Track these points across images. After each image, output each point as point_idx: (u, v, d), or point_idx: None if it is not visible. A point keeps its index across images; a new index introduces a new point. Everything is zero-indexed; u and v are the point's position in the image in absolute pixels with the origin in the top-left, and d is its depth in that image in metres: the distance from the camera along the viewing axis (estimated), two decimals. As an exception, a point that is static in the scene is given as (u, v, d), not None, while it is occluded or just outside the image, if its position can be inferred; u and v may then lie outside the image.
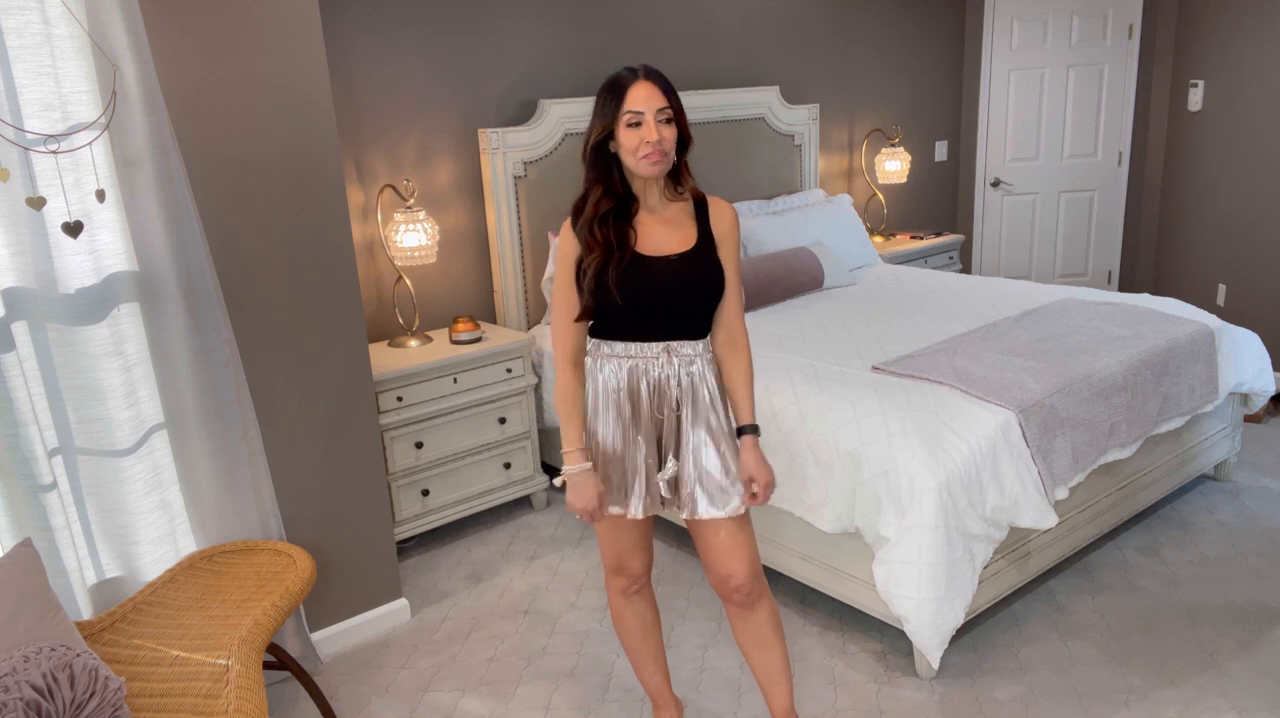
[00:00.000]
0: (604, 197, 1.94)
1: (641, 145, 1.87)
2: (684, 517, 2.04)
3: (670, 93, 1.90)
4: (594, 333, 2.03)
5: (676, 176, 1.99)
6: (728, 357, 2.06)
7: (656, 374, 1.99)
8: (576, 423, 2.02)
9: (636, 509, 2.02)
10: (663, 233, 1.97)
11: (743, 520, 2.05)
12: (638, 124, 1.87)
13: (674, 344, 1.99)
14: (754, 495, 2.02)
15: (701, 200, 2.03)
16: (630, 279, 1.92)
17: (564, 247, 1.99)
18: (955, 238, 5.38)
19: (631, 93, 1.88)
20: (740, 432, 2.06)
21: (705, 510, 2.01)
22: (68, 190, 2.12)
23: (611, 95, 1.90)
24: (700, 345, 2.02)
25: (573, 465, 1.99)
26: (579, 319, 1.99)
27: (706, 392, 2.01)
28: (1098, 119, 5.58)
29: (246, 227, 2.48)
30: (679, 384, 2.00)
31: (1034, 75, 5.56)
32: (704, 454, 2.00)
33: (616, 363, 2.00)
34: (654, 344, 1.99)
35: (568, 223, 2.00)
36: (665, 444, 2.02)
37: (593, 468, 2.00)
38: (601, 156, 1.95)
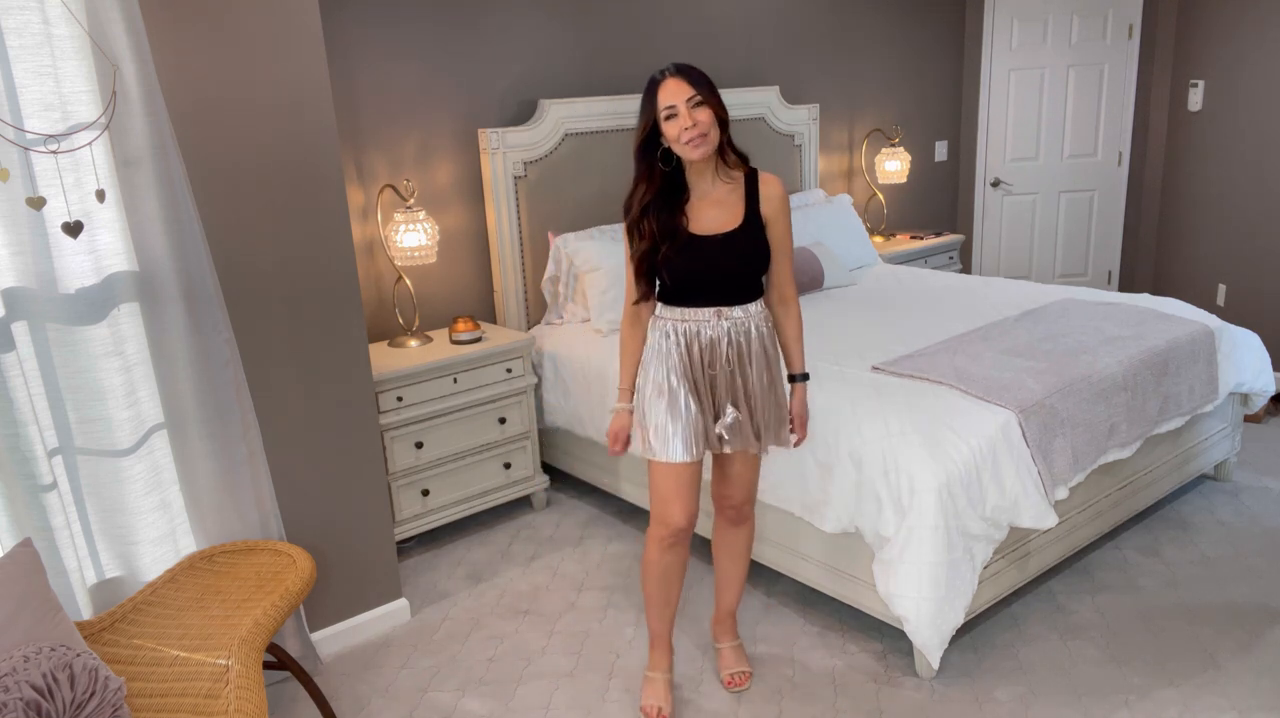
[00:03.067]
0: (647, 189, 2.22)
1: (682, 132, 2.12)
2: (725, 451, 2.34)
3: (698, 81, 2.14)
4: (660, 298, 2.31)
5: (724, 156, 2.23)
6: (780, 313, 2.37)
7: (709, 335, 2.26)
8: (627, 368, 2.36)
9: (679, 454, 2.27)
10: (713, 213, 2.23)
11: (755, 459, 2.41)
12: (674, 116, 2.13)
13: (724, 309, 2.26)
14: (794, 432, 2.38)
15: (753, 177, 2.27)
16: (680, 258, 2.20)
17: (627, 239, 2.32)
18: (955, 238, 5.38)
19: (662, 91, 2.14)
20: (791, 379, 2.40)
21: (755, 447, 2.32)
22: (68, 190, 2.12)
23: (647, 98, 2.18)
24: (753, 308, 2.29)
25: (618, 403, 2.37)
26: (638, 303, 2.30)
27: (756, 348, 2.28)
28: (1098, 119, 5.58)
29: (247, 227, 2.48)
30: (730, 343, 2.26)
31: (1034, 75, 5.56)
32: (767, 400, 2.30)
33: (673, 325, 2.27)
34: (706, 309, 2.25)
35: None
36: (721, 396, 2.29)
37: (629, 409, 2.35)
38: (647, 154, 2.22)
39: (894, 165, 5.11)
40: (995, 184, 5.75)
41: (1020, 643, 2.71)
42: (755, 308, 2.30)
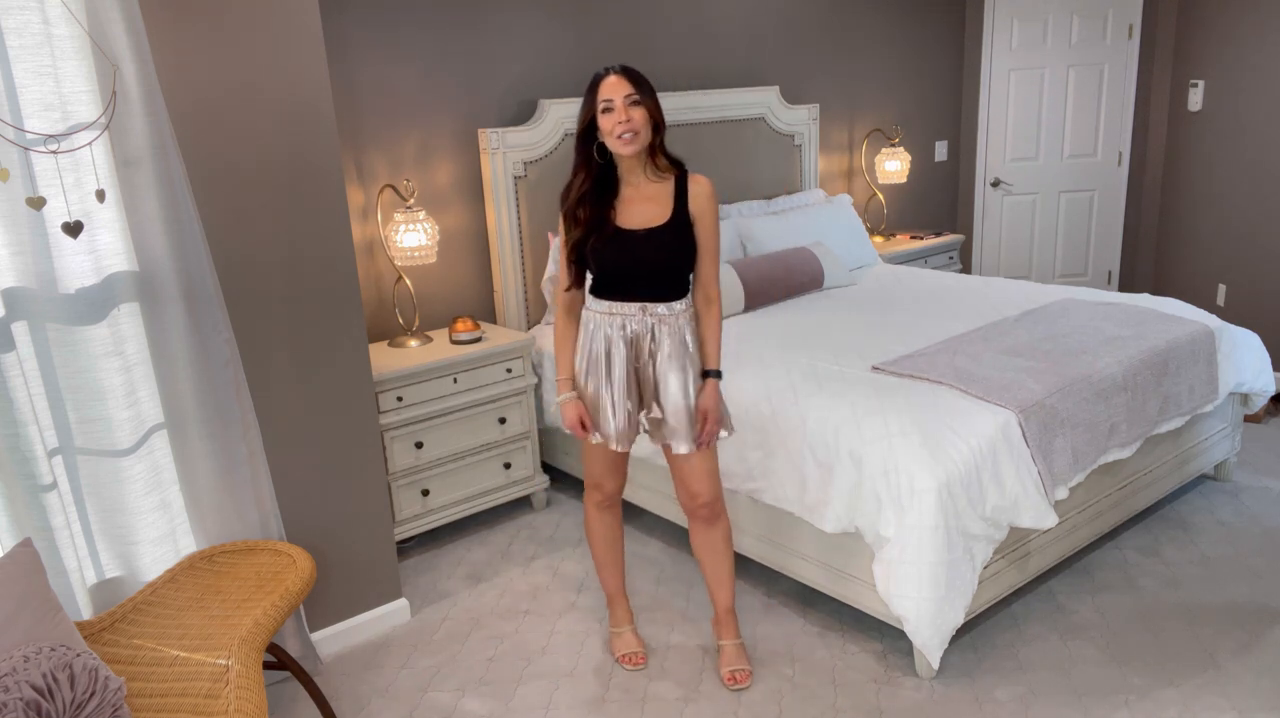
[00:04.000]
0: (585, 179, 2.32)
1: (615, 125, 2.22)
2: (660, 445, 2.45)
3: (637, 82, 2.25)
4: (590, 291, 2.40)
5: (655, 159, 2.33)
6: (702, 311, 2.42)
7: (634, 330, 2.35)
8: (565, 359, 2.44)
9: (620, 444, 2.40)
10: (642, 209, 2.33)
11: (711, 451, 2.44)
12: (610, 110, 2.23)
13: (650, 305, 2.34)
14: (703, 428, 2.38)
15: (683, 178, 2.36)
16: (609, 250, 2.31)
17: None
18: (955, 238, 5.38)
19: (603, 86, 2.25)
20: (704, 375, 2.41)
21: (679, 447, 2.38)
22: (68, 190, 2.12)
23: (589, 91, 2.28)
24: (679, 305, 2.37)
25: (560, 394, 2.44)
26: (567, 290, 2.39)
27: (680, 345, 2.35)
28: (1098, 119, 5.58)
29: (246, 226, 2.48)
30: (653, 339, 2.35)
31: (1034, 75, 5.56)
32: (678, 399, 2.36)
33: (600, 318, 2.37)
34: (632, 304, 2.34)
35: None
36: (645, 389, 2.39)
37: (576, 396, 2.42)
38: (585, 145, 2.31)
39: (894, 165, 5.11)
40: (995, 184, 5.75)
41: (1020, 643, 2.71)
42: (680, 306, 2.37)
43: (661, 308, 2.34)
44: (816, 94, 5.03)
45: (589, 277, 2.41)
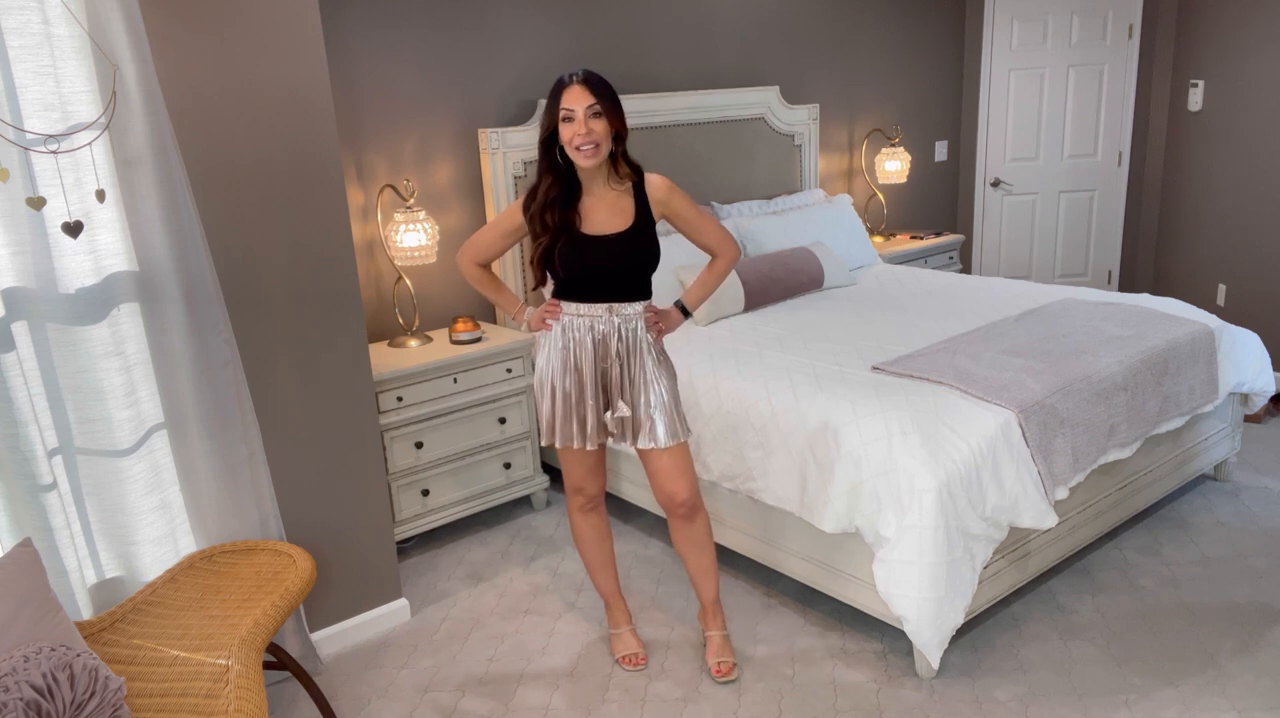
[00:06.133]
0: (552, 184, 2.32)
1: (575, 137, 2.22)
2: (633, 446, 2.46)
3: (600, 92, 2.23)
4: (555, 294, 2.43)
5: (617, 165, 2.35)
6: (711, 262, 2.52)
7: (602, 329, 2.38)
8: (505, 291, 2.56)
9: (590, 443, 2.43)
10: (605, 215, 2.35)
11: (683, 449, 2.47)
12: (570, 120, 2.22)
13: (616, 305, 2.38)
14: (658, 327, 2.46)
15: (640, 182, 2.39)
16: (576, 255, 2.32)
17: (509, 219, 2.44)
18: (955, 238, 5.38)
19: (566, 95, 2.23)
20: (676, 303, 2.54)
21: (647, 443, 2.41)
22: (68, 190, 2.12)
23: (552, 98, 2.27)
24: (641, 306, 2.41)
25: (523, 314, 2.53)
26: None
27: (643, 345, 2.40)
28: (1098, 119, 5.58)
29: (246, 226, 2.48)
30: (620, 338, 2.38)
31: (1034, 75, 5.56)
32: (646, 396, 2.40)
33: (570, 320, 2.39)
34: (599, 305, 2.37)
35: (519, 201, 2.41)
36: (612, 389, 2.41)
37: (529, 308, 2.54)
38: (549, 150, 2.31)
39: (894, 165, 5.11)
40: (995, 184, 5.75)
41: (1020, 643, 2.71)
42: (641, 307, 2.41)
43: (628, 309, 2.39)
44: (816, 94, 5.03)
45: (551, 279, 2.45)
